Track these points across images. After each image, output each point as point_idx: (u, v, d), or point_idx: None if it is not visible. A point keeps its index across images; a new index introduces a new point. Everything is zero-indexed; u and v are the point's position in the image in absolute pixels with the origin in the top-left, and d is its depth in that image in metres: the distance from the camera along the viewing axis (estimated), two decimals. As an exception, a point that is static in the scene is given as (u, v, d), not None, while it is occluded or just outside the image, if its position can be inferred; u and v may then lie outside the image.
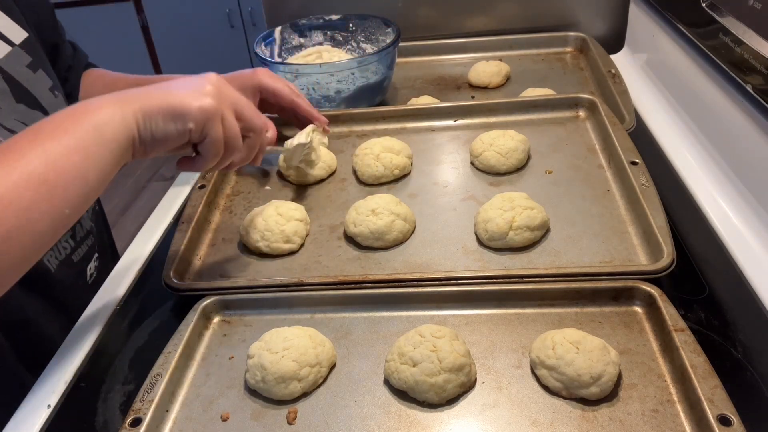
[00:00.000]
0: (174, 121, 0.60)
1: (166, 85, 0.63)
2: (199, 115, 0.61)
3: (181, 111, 0.60)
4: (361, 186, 0.93)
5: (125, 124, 0.58)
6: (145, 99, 0.60)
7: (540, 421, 0.57)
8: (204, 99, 0.61)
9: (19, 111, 0.74)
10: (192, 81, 0.64)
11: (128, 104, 0.59)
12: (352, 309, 0.71)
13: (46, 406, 0.65)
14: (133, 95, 0.60)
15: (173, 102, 0.60)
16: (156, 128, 0.60)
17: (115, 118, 0.58)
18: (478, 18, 1.39)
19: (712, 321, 0.66)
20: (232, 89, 0.66)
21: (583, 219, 0.79)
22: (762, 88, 0.76)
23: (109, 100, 0.59)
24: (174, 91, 0.61)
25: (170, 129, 0.61)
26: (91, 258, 0.88)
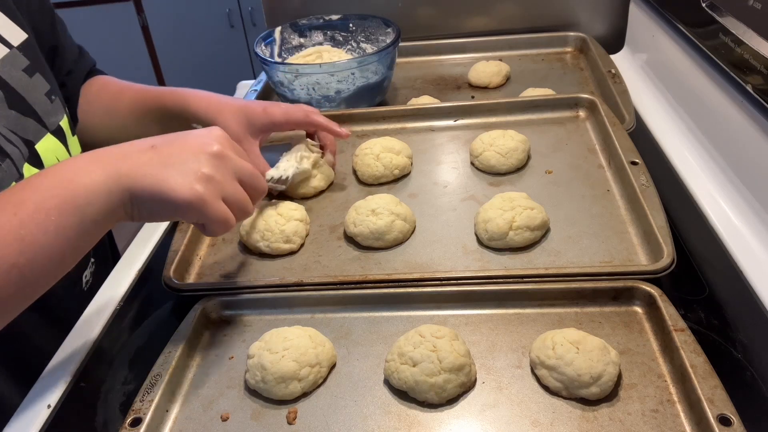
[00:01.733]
0: (162, 208, 0.59)
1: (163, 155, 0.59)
2: (186, 206, 0.58)
3: (171, 200, 0.58)
4: (361, 186, 0.93)
5: (109, 202, 0.57)
6: (137, 178, 0.57)
7: (540, 421, 0.57)
8: (195, 187, 0.58)
9: (9, 117, 0.73)
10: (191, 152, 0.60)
11: (116, 181, 0.57)
12: (352, 309, 0.71)
13: (46, 406, 0.65)
14: (124, 167, 0.57)
15: (162, 188, 0.57)
16: (144, 210, 0.59)
17: (99, 196, 0.56)
18: (478, 18, 1.39)
19: (712, 321, 0.66)
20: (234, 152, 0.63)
21: (583, 219, 0.79)
22: (762, 88, 0.76)
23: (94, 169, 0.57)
24: (167, 172, 0.58)
25: (158, 214, 0.60)
26: (86, 265, 0.88)
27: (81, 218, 0.55)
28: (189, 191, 0.58)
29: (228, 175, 0.61)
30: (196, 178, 0.58)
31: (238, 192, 0.63)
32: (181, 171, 0.58)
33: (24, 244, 0.52)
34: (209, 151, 0.61)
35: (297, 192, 0.91)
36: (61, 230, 0.54)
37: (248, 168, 0.64)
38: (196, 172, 0.59)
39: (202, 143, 0.61)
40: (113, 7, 3.23)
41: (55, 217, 0.54)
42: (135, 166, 0.58)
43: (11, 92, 0.74)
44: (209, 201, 0.59)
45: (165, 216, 0.61)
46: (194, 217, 0.60)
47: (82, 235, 0.56)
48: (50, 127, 0.78)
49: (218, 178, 0.60)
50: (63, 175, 0.56)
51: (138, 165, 0.58)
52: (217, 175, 0.60)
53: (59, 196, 0.55)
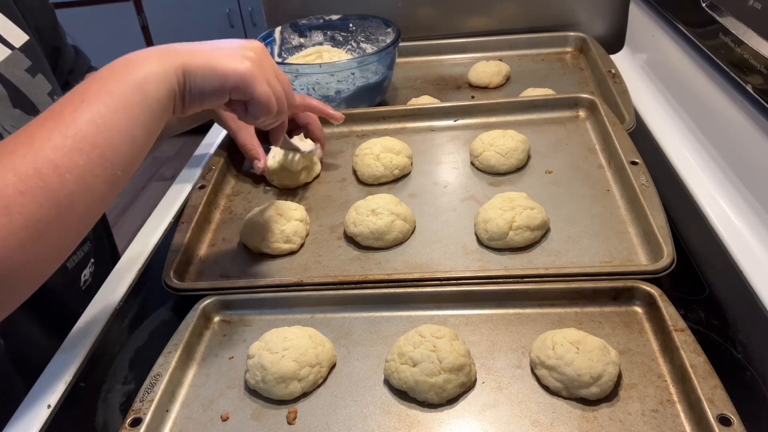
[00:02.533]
0: (213, 80, 0.61)
1: (210, 45, 0.64)
2: (237, 78, 0.62)
3: (222, 71, 0.61)
4: (361, 186, 0.93)
5: (167, 80, 0.59)
6: (188, 56, 0.60)
7: (540, 421, 0.57)
8: (244, 63, 0.62)
9: (14, 116, 0.73)
10: (236, 44, 0.64)
11: (170, 60, 0.60)
12: (352, 309, 0.71)
13: (46, 406, 0.65)
14: (176, 51, 0.61)
15: (214, 63, 0.61)
16: (195, 86, 0.61)
17: (157, 75, 0.58)
18: (478, 18, 1.39)
19: (712, 321, 0.66)
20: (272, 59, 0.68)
21: (583, 219, 0.79)
22: (762, 88, 0.76)
23: (148, 55, 0.60)
24: (217, 52, 0.62)
25: (208, 88, 0.62)
26: (86, 264, 0.88)
27: (143, 96, 0.57)
28: (240, 64, 0.62)
29: (270, 67, 0.66)
30: (245, 57, 0.63)
31: (278, 85, 0.66)
32: (230, 53, 0.63)
33: (98, 126, 0.54)
34: (253, 45, 0.65)
35: (282, 182, 0.93)
36: (128, 109, 0.56)
37: (283, 73, 0.68)
38: (242, 54, 0.63)
39: (246, 41, 0.66)
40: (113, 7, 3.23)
41: (119, 96, 0.56)
42: (184, 50, 0.61)
43: (15, 91, 0.74)
44: (258, 76, 0.63)
45: (215, 94, 0.62)
46: (242, 92, 0.63)
47: (147, 114, 0.58)
48: None
49: (263, 63, 0.64)
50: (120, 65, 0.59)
51: (187, 49, 0.62)
52: (262, 61, 0.64)
53: (120, 79, 0.57)
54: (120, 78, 0.57)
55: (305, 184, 0.94)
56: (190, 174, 1.03)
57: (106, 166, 0.55)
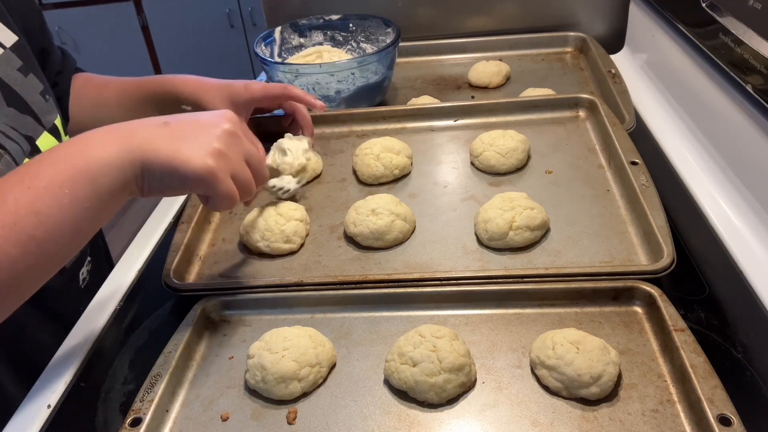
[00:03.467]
0: (173, 179, 0.60)
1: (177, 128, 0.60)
2: (197, 179, 0.59)
3: (182, 172, 0.59)
4: (361, 186, 0.93)
5: (122, 174, 0.57)
6: (150, 148, 0.58)
7: (540, 421, 0.57)
8: (207, 160, 0.59)
9: (8, 115, 0.73)
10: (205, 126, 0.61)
11: (129, 152, 0.57)
12: (352, 309, 0.71)
13: (46, 406, 0.65)
14: (138, 139, 0.58)
15: (176, 161, 0.58)
16: (154, 181, 0.59)
17: (112, 167, 0.57)
18: (478, 18, 1.39)
19: (712, 321, 0.66)
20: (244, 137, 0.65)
21: (583, 219, 0.79)
22: (762, 88, 0.76)
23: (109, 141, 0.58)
24: (181, 145, 0.59)
25: (168, 185, 0.60)
26: (83, 263, 0.88)
27: (95, 190, 0.56)
28: (201, 164, 0.59)
29: (238, 154, 0.63)
30: (209, 152, 0.59)
31: (245, 172, 0.64)
32: (194, 145, 0.59)
33: (40, 217, 0.53)
34: (222, 128, 0.62)
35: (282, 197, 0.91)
36: (75, 202, 0.55)
37: (255, 152, 0.66)
38: (208, 147, 0.60)
39: (215, 121, 0.63)
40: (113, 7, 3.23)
41: (69, 189, 0.54)
42: (148, 139, 0.59)
43: (9, 90, 0.74)
44: (220, 176, 0.60)
45: (175, 188, 0.61)
46: (203, 190, 0.61)
47: (96, 207, 0.57)
48: (46, 125, 0.79)
49: (229, 155, 0.61)
50: (76, 148, 0.57)
51: (151, 138, 0.59)
52: (228, 152, 0.61)
53: (73, 168, 0.55)
54: (73, 165, 0.55)
55: (305, 184, 0.94)
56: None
57: (42, 257, 0.54)
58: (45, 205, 0.53)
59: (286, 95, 0.93)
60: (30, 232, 0.53)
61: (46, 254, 0.55)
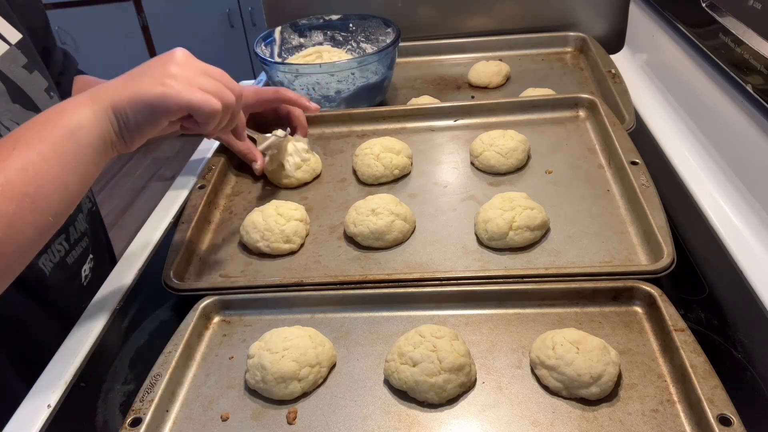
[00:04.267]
0: (144, 110, 0.61)
1: (134, 74, 0.63)
2: (165, 99, 0.60)
3: (148, 98, 0.60)
4: (361, 186, 0.93)
5: (99, 124, 0.59)
6: (114, 94, 0.60)
7: (540, 421, 0.57)
8: (167, 81, 0.61)
9: (14, 111, 0.74)
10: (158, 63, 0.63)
11: (99, 103, 0.60)
12: (352, 309, 0.71)
13: (46, 406, 0.65)
14: (103, 92, 0.61)
15: (138, 92, 0.60)
16: (129, 121, 0.61)
17: (88, 121, 0.59)
18: (478, 18, 1.39)
19: (712, 321, 0.66)
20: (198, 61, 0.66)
21: (583, 219, 0.79)
22: (762, 88, 0.76)
23: (81, 101, 0.60)
24: (139, 81, 0.61)
25: (142, 119, 0.61)
26: (85, 260, 0.88)
27: (77, 144, 0.58)
28: (161, 86, 0.60)
29: (196, 71, 0.64)
30: (166, 75, 0.61)
31: (212, 82, 0.64)
32: (152, 76, 0.62)
33: (29, 174, 0.55)
34: (173, 57, 0.64)
35: (281, 181, 0.93)
36: (61, 157, 0.57)
37: (216, 69, 0.66)
38: (165, 73, 0.62)
39: (166, 56, 0.65)
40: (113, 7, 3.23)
41: (52, 146, 0.57)
42: (111, 88, 0.61)
43: (13, 87, 0.75)
44: (182, 89, 0.61)
45: (150, 122, 0.62)
46: (174, 109, 0.61)
47: (81, 161, 0.59)
48: None
49: (187, 73, 0.63)
50: (54, 112, 0.60)
51: (113, 86, 0.62)
52: (184, 72, 0.63)
53: (51, 127, 0.58)
54: (52, 125, 0.58)
55: (305, 184, 0.94)
56: (190, 174, 1.03)
57: (36, 213, 0.56)
58: (31, 162, 0.55)
59: (279, 98, 0.94)
60: (22, 189, 0.55)
61: (40, 210, 0.56)
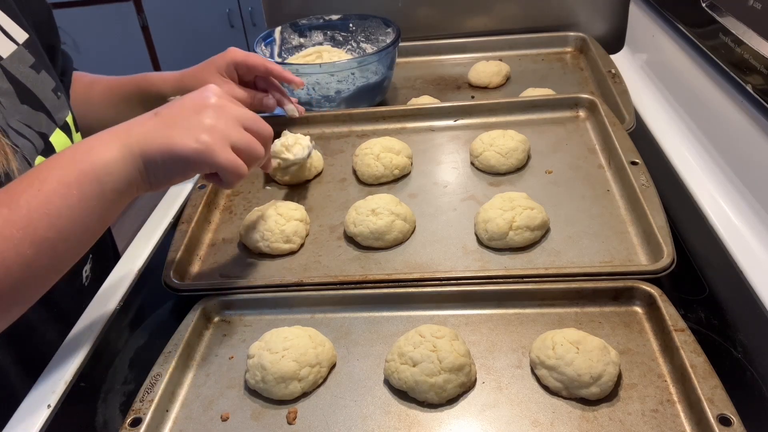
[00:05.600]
0: (174, 164, 0.61)
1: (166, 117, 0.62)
2: (196, 157, 0.61)
3: (180, 154, 0.60)
4: (361, 186, 0.93)
5: (126, 170, 0.59)
6: (146, 140, 0.60)
7: (540, 421, 0.57)
8: (201, 137, 0.60)
9: (23, 112, 0.74)
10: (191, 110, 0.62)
11: (129, 147, 0.59)
12: (352, 309, 0.71)
13: (46, 406, 0.65)
14: (134, 135, 0.60)
15: (172, 145, 0.60)
16: (158, 171, 0.61)
17: (116, 165, 0.59)
18: (478, 18, 1.39)
19: (712, 321, 0.66)
20: (233, 103, 0.66)
21: (583, 219, 0.79)
22: (762, 88, 0.76)
23: (109, 141, 0.60)
24: (173, 130, 0.61)
25: (171, 172, 0.62)
26: (86, 260, 0.88)
27: (101, 189, 0.58)
28: (195, 142, 0.60)
29: (231, 122, 0.63)
30: (201, 129, 0.61)
31: (244, 137, 0.64)
32: (186, 127, 0.61)
33: (51, 218, 0.55)
34: (208, 104, 0.63)
35: (283, 179, 0.93)
36: (84, 202, 0.57)
37: (249, 114, 0.66)
38: (199, 125, 0.61)
39: (200, 100, 0.64)
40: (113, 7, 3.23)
41: (77, 189, 0.57)
42: (143, 132, 0.61)
43: (22, 88, 0.75)
44: (217, 149, 0.61)
45: (179, 173, 0.62)
46: (206, 167, 0.62)
47: (104, 205, 0.59)
48: (58, 122, 0.80)
49: (221, 126, 0.62)
50: (81, 151, 0.59)
51: (146, 131, 0.61)
52: (219, 124, 0.62)
53: (79, 170, 0.57)
54: (79, 167, 0.58)
55: (305, 182, 0.94)
56: (190, 174, 1.02)
57: (55, 256, 0.57)
58: (55, 207, 0.55)
59: (264, 67, 0.95)
60: (42, 233, 0.55)
61: (58, 254, 0.57)
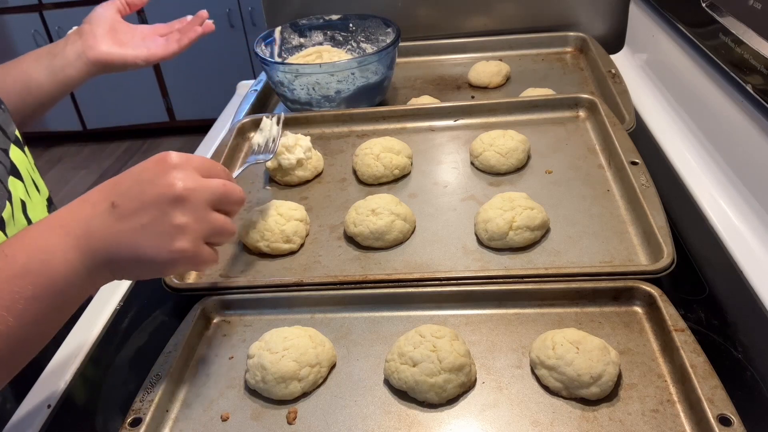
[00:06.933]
0: (146, 271, 0.57)
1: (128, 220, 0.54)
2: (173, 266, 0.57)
3: (154, 265, 0.56)
4: (361, 186, 0.93)
5: (90, 280, 0.55)
6: (110, 250, 0.54)
7: (540, 421, 0.57)
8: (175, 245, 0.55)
9: None
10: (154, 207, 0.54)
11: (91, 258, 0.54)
12: (352, 309, 0.71)
13: (46, 406, 0.65)
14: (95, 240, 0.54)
15: (142, 253, 0.54)
16: (127, 275, 0.58)
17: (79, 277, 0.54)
18: (478, 18, 1.39)
19: (712, 321, 0.66)
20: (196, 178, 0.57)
21: (583, 219, 0.79)
22: (762, 88, 0.76)
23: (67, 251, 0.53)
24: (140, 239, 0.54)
25: (144, 275, 0.58)
26: None
27: (63, 299, 0.54)
28: (168, 253, 0.55)
29: (201, 213, 0.57)
30: (172, 233, 0.55)
31: (217, 225, 0.58)
32: (154, 232, 0.54)
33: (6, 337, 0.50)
34: (172, 195, 0.55)
35: (283, 179, 0.94)
36: (41, 316, 0.53)
37: (217, 188, 0.58)
38: (169, 228, 0.54)
39: (161, 189, 0.55)
40: (113, 7, 3.23)
41: (36, 306, 0.52)
42: (105, 236, 0.54)
43: None
44: (192, 252, 0.56)
45: (151, 276, 0.59)
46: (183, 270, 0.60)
47: (64, 310, 0.56)
48: (11, 137, 0.78)
49: (192, 223, 0.56)
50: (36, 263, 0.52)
51: (108, 234, 0.54)
52: (190, 221, 0.55)
53: (36, 284, 0.52)
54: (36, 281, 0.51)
55: (307, 182, 0.94)
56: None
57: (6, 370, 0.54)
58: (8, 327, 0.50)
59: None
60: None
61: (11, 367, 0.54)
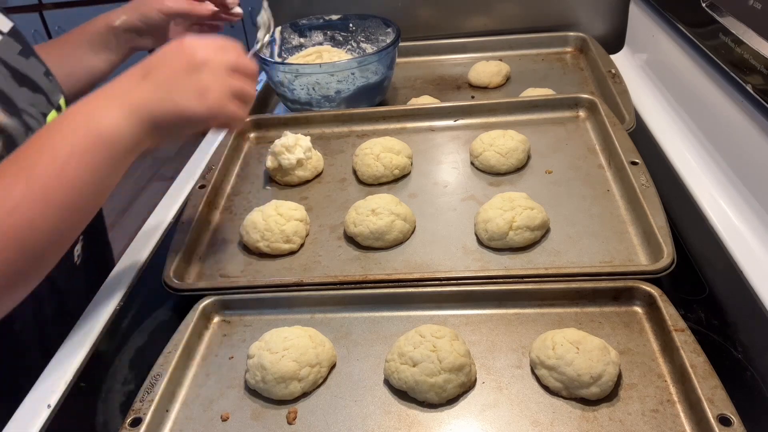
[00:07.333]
0: (187, 126, 0.64)
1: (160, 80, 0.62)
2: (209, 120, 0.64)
3: (192, 119, 0.63)
4: (361, 186, 0.93)
5: (135, 135, 0.61)
6: (151, 107, 0.61)
7: (540, 421, 0.57)
8: (208, 101, 0.62)
9: (25, 94, 0.75)
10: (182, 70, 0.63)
11: (134, 113, 0.60)
12: (352, 309, 0.71)
13: (46, 406, 0.65)
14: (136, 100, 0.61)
15: (180, 108, 0.62)
16: (168, 133, 0.64)
17: (125, 132, 0.60)
18: (478, 18, 1.39)
19: (712, 321, 0.66)
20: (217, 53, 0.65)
21: (583, 219, 0.79)
22: (762, 88, 0.76)
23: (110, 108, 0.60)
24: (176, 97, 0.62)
25: (183, 132, 0.64)
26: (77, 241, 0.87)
27: (112, 153, 0.60)
28: (204, 106, 0.62)
29: (224, 74, 0.65)
30: (202, 92, 0.62)
31: (239, 84, 0.66)
32: (187, 90, 0.62)
33: (67, 186, 0.57)
34: (196, 61, 0.63)
35: (283, 179, 0.94)
36: (96, 167, 0.59)
37: (233, 55, 0.67)
38: (198, 86, 0.62)
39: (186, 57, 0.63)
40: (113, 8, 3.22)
41: (90, 157, 0.58)
42: (143, 97, 0.61)
43: (17, 72, 0.76)
44: (224, 106, 0.64)
45: (188, 131, 0.65)
46: (216, 125, 0.66)
47: (116, 167, 0.61)
48: (54, 104, 0.80)
49: (219, 82, 0.64)
50: (81, 119, 0.60)
51: (147, 97, 0.61)
52: (216, 80, 0.63)
53: (88, 137, 0.59)
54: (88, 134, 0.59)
55: (307, 182, 0.94)
56: (190, 174, 1.03)
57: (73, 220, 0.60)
58: (69, 176, 0.57)
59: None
60: (59, 200, 0.57)
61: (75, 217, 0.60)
